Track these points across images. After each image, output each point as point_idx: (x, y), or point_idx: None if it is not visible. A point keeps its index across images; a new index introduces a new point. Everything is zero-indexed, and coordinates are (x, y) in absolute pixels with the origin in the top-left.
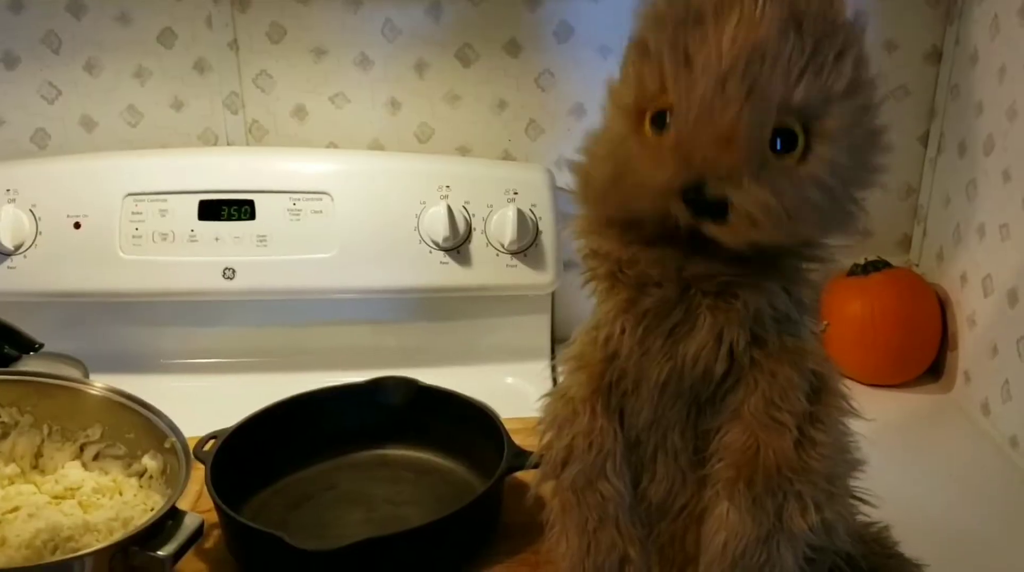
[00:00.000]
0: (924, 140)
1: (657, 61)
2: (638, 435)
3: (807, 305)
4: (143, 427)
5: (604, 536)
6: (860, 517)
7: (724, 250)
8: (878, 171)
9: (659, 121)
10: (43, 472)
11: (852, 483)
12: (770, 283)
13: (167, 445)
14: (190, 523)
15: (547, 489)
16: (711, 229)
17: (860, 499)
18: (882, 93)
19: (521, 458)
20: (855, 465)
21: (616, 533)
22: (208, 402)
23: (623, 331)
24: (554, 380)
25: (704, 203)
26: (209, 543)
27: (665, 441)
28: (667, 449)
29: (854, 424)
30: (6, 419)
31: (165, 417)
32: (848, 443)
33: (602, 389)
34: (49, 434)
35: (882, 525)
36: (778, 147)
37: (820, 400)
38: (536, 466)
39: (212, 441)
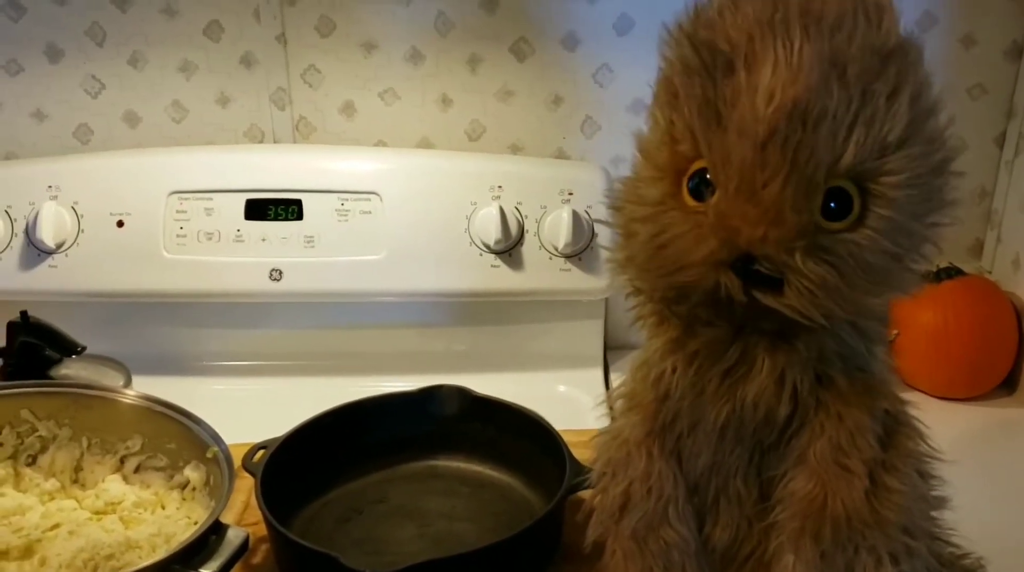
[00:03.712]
0: (1000, 141)
1: (687, 116)
2: (696, 480)
3: (874, 335)
4: (184, 437)
5: None
6: (950, 550)
7: None
8: (950, 206)
9: (697, 187)
10: (84, 486)
11: (937, 521)
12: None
13: (209, 455)
14: (234, 538)
15: (605, 535)
16: (766, 299)
17: (945, 540)
18: (948, 115)
19: (584, 477)
20: (937, 507)
21: None
22: (252, 406)
23: (674, 370)
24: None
25: (756, 273)
26: (257, 558)
27: (727, 487)
28: (730, 496)
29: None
30: (44, 433)
31: (206, 425)
32: (927, 487)
33: (656, 431)
34: (88, 447)
35: (975, 557)
36: (832, 207)
37: (893, 443)
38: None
39: (262, 452)
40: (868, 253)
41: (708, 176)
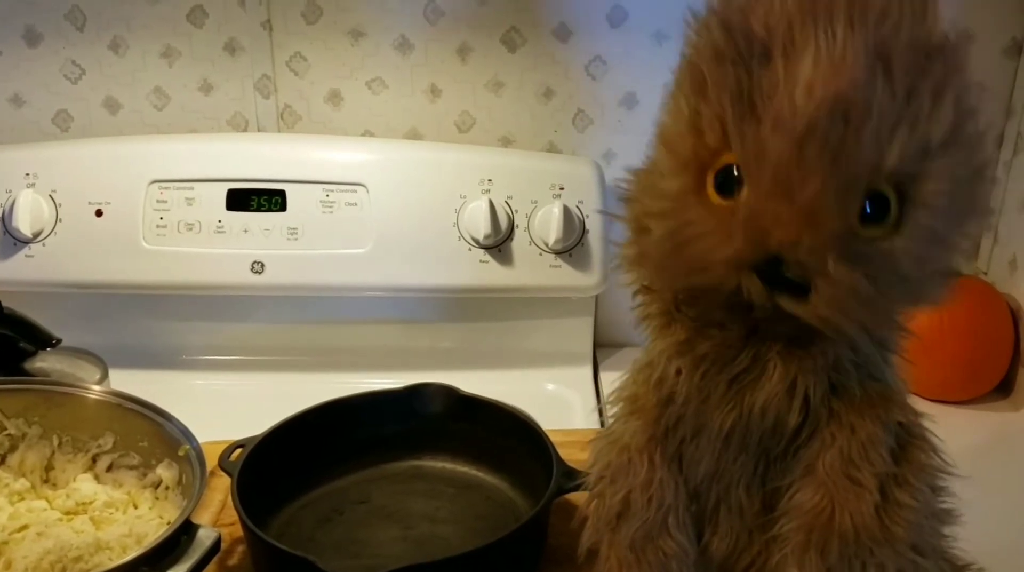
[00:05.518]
0: (999, 141)
1: (716, 106)
2: (697, 487)
3: (890, 344)
4: (156, 434)
5: None
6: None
7: None
8: (985, 214)
9: (724, 181)
10: (55, 486)
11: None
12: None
13: (181, 453)
14: (205, 538)
15: (600, 543)
16: (790, 306)
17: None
18: (985, 120)
19: (572, 479)
20: (948, 522)
21: None
22: (232, 401)
23: (679, 373)
24: (599, 407)
25: (782, 278)
26: (233, 560)
27: (728, 496)
28: (731, 505)
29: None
30: (13, 431)
31: (178, 422)
32: (939, 503)
33: (659, 436)
34: (59, 445)
35: (976, 568)
36: (868, 212)
37: (906, 456)
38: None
39: (239, 450)
40: (903, 263)
41: (736, 172)
